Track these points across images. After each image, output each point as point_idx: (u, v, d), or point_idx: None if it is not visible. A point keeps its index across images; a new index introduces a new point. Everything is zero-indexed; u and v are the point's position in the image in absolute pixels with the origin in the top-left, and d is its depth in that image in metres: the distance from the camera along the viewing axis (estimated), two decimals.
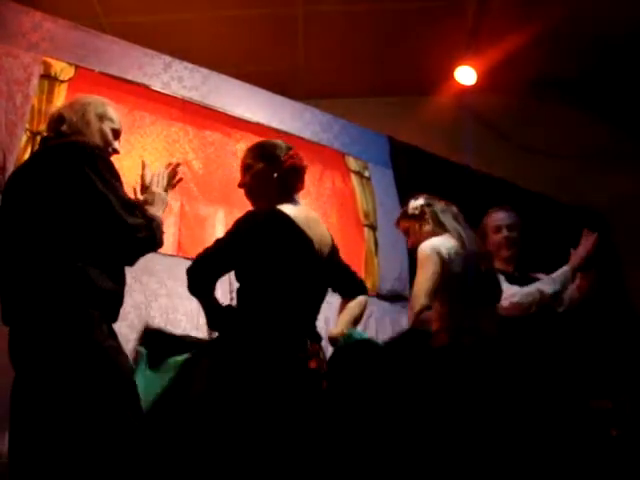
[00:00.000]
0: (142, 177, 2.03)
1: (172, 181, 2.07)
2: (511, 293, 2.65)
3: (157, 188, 1.99)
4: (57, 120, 1.88)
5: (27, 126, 2.57)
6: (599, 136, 4.85)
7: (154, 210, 1.92)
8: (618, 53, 4.43)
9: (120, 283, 1.80)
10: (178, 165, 2.10)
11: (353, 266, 3.42)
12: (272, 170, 2.11)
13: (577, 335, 2.82)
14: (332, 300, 3.20)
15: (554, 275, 2.69)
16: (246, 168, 2.13)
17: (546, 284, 2.66)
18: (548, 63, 4.54)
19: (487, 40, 4.23)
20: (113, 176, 1.75)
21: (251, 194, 2.15)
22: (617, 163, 4.70)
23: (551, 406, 2.53)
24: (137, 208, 1.79)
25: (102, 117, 1.93)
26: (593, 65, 4.57)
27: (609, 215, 4.66)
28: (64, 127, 1.85)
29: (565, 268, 2.69)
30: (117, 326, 1.83)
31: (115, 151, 1.97)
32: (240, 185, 2.16)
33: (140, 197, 1.97)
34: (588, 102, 4.82)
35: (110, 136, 1.94)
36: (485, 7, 4.06)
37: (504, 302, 2.63)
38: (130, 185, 2.08)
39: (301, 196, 3.34)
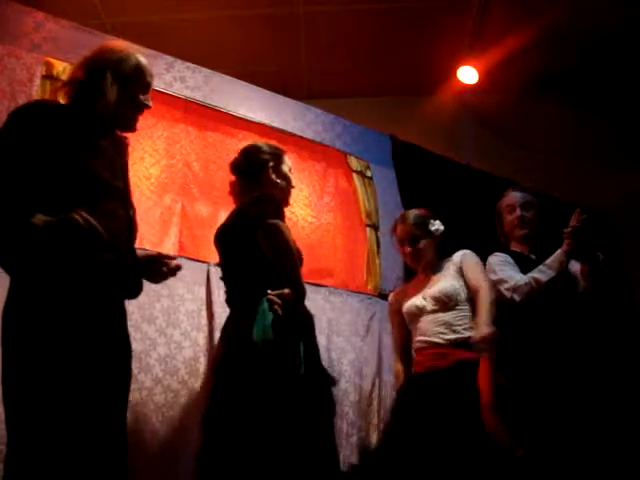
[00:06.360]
0: None
1: None
2: (511, 285, 2.64)
3: None
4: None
5: None
6: (600, 136, 4.85)
7: None
8: (619, 53, 4.42)
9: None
10: None
11: (356, 266, 3.48)
12: None
13: (580, 334, 2.80)
14: (335, 300, 3.22)
15: (548, 261, 2.64)
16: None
17: (541, 272, 2.63)
18: (549, 63, 4.54)
19: (488, 40, 4.23)
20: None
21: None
22: (618, 163, 4.70)
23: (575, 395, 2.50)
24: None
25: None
26: (594, 65, 4.57)
27: (610, 214, 4.66)
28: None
29: (557, 252, 2.64)
30: None
31: None
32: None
33: None
34: (589, 102, 4.82)
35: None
36: (486, 7, 4.06)
37: (507, 293, 2.65)
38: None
39: (304, 196, 3.39)
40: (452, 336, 2.60)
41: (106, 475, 1.58)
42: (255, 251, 2.13)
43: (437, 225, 2.79)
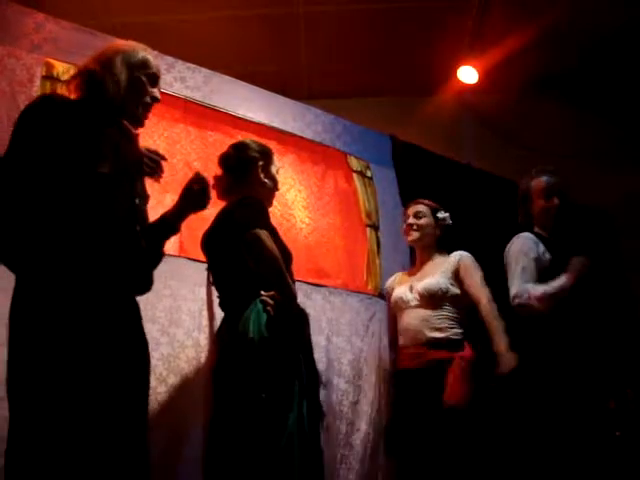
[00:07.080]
0: None
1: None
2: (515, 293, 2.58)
3: None
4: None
5: None
6: (600, 136, 4.86)
7: None
8: (619, 53, 4.43)
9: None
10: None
11: (356, 266, 3.48)
12: None
13: (579, 334, 2.80)
14: (335, 300, 3.22)
15: (550, 287, 2.56)
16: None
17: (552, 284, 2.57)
18: (549, 63, 4.55)
19: (488, 40, 4.24)
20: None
21: None
22: (618, 163, 4.71)
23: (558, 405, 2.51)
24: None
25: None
26: (594, 65, 4.57)
27: (611, 214, 4.67)
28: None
29: (561, 285, 2.56)
30: None
31: None
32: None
33: None
34: (589, 102, 4.82)
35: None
36: (486, 7, 4.07)
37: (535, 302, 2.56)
38: None
39: (303, 197, 3.39)
40: (431, 335, 2.63)
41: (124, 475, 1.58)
42: (242, 256, 2.14)
43: (445, 215, 2.88)
